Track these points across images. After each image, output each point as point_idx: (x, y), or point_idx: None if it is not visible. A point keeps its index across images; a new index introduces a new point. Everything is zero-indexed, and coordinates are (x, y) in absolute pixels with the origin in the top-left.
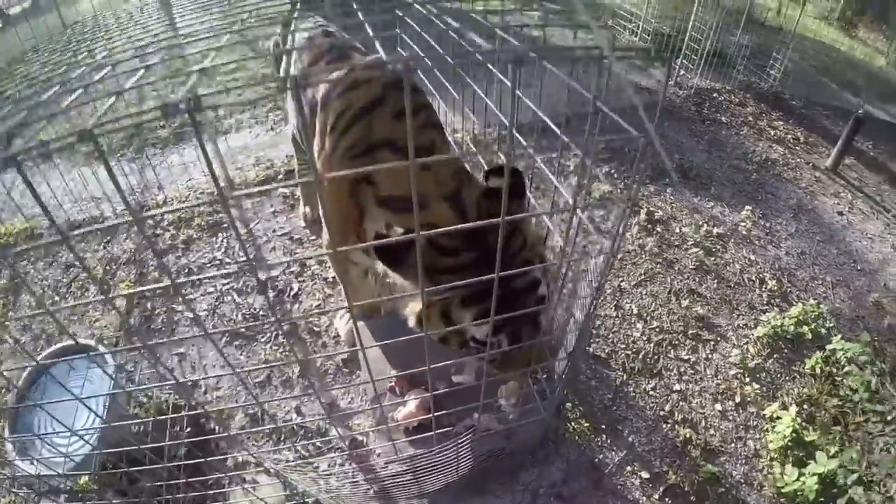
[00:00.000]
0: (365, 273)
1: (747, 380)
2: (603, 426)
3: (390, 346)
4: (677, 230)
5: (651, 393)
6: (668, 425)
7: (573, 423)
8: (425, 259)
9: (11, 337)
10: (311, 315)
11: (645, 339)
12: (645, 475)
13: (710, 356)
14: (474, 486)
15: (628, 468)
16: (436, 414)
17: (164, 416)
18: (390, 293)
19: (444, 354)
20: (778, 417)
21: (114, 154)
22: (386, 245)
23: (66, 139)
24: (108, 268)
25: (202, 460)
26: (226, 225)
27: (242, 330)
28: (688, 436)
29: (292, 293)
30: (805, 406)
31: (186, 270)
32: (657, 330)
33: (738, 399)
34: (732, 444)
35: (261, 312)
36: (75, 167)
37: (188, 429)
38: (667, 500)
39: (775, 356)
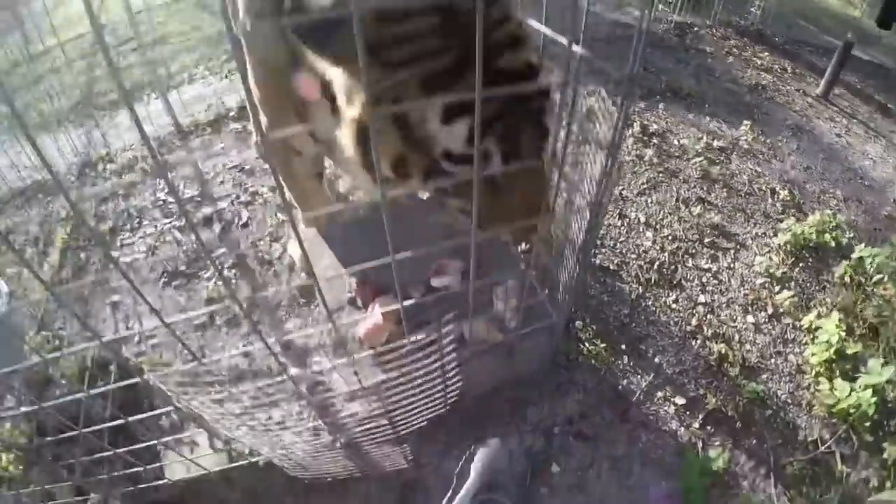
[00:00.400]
0: (318, 177)
1: (777, 289)
2: (623, 346)
3: (350, 248)
4: (675, 142)
5: (673, 306)
6: (698, 342)
7: (587, 345)
8: (367, 33)
9: None
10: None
11: (657, 248)
12: (680, 401)
13: (732, 265)
14: (469, 428)
15: (659, 394)
16: (406, 303)
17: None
18: (347, 198)
19: (416, 243)
20: (817, 328)
21: (62, 121)
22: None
23: None
24: (43, 226)
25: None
26: (171, 165)
27: (183, 268)
28: (722, 352)
29: (240, 223)
30: (842, 316)
31: (126, 214)
32: (670, 238)
33: (770, 310)
34: (772, 360)
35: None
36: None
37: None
38: (708, 427)
39: (801, 265)
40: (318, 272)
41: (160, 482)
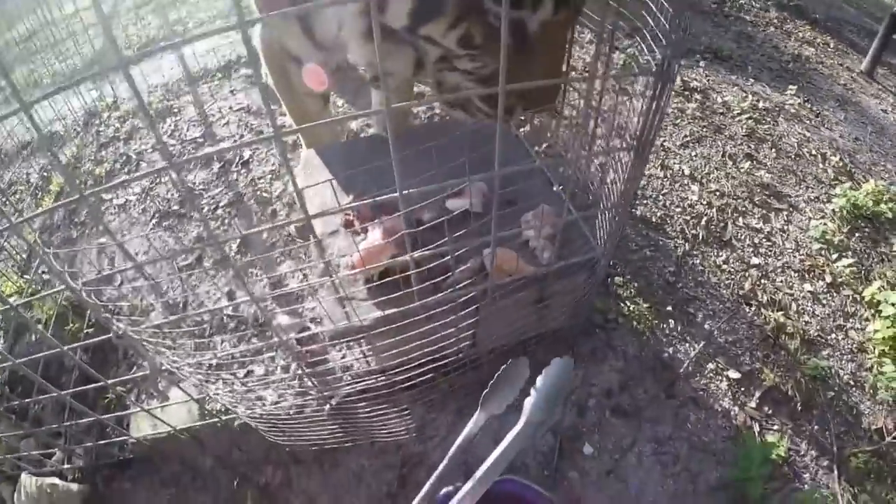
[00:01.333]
0: (322, 98)
1: (834, 257)
2: (668, 308)
3: (353, 164)
4: (719, 99)
5: (723, 267)
6: (752, 308)
7: (628, 304)
8: None
9: None
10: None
11: (704, 203)
12: (734, 375)
13: (785, 227)
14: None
15: (710, 366)
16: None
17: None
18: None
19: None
20: (879, 302)
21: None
22: None
23: None
24: (44, 174)
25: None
26: (176, 109)
27: (175, 208)
28: (779, 321)
29: (241, 161)
30: None
31: (124, 158)
32: (717, 194)
33: (828, 279)
34: (833, 335)
35: (200, 187)
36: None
37: (87, 331)
38: (766, 408)
39: (857, 234)
40: (316, 195)
41: (122, 438)
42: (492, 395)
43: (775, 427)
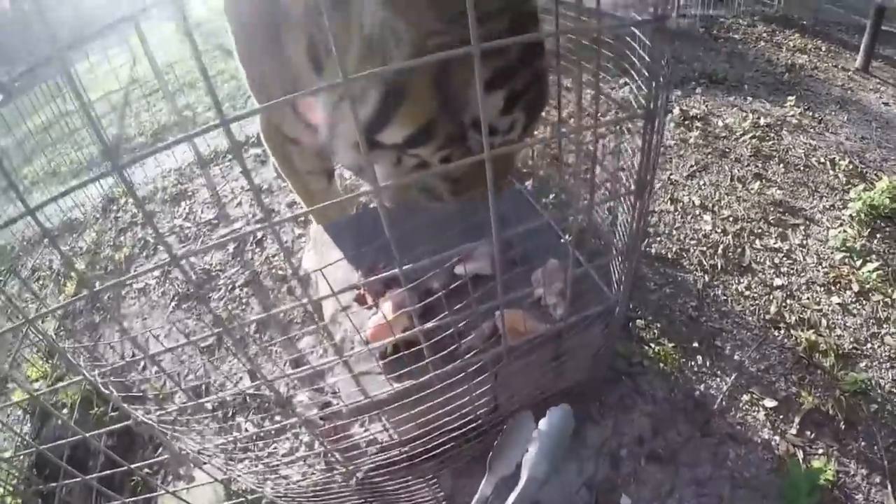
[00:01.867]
0: (326, 174)
1: (858, 263)
2: (694, 345)
3: (361, 240)
4: (720, 123)
5: (746, 293)
6: (782, 331)
7: (652, 346)
8: None
9: None
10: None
11: (719, 231)
12: (770, 403)
13: (804, 242)
14: None
15: (745, 398)
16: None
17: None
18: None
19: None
20: None
21: (91, 165)
22: None
23: None
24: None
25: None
26: (190, 192)
27: (191, 290)
28: (811, 340)
29: (255, 240)
30: None
31: (142, 242)
32: (730, 220)
33: (855, 287)
34: (868, 345)
35: (217, 268)
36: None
37: (112, 415)
38: (808, 432)
39: (878, 236)
40: (328, 273)
41: None
42: (498, 455)
43: (820, 451)
